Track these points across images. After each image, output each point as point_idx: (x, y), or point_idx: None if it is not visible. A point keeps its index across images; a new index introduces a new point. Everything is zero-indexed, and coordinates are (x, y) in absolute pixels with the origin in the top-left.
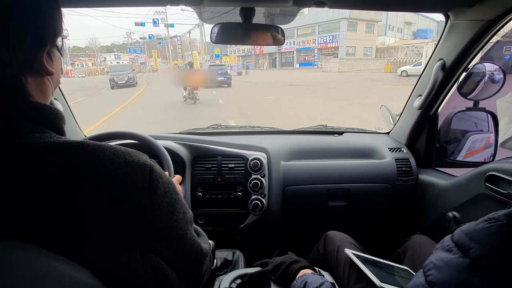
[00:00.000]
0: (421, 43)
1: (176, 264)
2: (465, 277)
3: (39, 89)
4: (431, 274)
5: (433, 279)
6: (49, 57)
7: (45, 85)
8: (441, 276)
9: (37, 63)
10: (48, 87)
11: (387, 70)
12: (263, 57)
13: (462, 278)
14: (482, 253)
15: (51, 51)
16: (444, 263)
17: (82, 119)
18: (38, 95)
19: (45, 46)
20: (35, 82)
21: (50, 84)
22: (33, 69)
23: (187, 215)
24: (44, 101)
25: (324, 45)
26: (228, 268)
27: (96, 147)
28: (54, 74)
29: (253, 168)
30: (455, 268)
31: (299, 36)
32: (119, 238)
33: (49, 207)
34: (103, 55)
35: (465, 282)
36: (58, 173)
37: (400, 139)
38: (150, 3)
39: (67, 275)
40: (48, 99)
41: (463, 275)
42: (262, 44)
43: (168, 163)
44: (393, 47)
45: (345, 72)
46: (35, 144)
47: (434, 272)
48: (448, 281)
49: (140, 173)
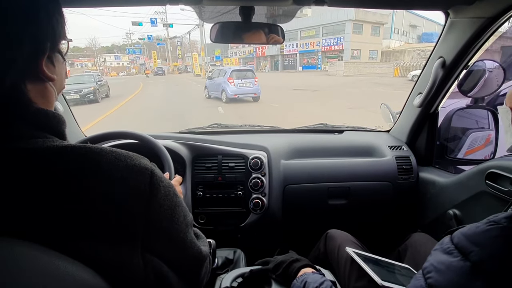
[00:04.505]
0: (427, 47)
1: (177, 266)
2: (466, 281)
3: (41, 95)
4: (431, 277)
5: (433, 282)
6: (51, 63)
7: (47, 90)
8: (442, 279)
9: (37, 70)
10: (50, 93)
11: (396, 75)
12: (265, 59)
13: (463, 282)
14: (482, 257)
15: (52, 56)
16: (444, 266)
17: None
18: (41, 101)
19: (45, 52)
20: (37, 88)
21: (53, 90)
22: (33, 76)
23: (187, 218)
24: (47, 106)
25: (328, 48)
26: (229, 267)
27: (98, 151)
28: (57, 79)
29: (254, 167)
30: (456, 271)
31: (302, 38)
32: (121, 240)
33: (51, 209)
34: (103, 56)
35: (466, 286)
36: (60, 176)
37: (401, 137)
38: (149, 3)
39: (69, 274)
40: (51, 105)
41: (463, 279)
42: (261, 43)
43: (168, 163)
44: (399, 51)
45: (351, 76)
46: (37, 148)
47: (435, 275)
48: (448, 285)
49: (141, 176)
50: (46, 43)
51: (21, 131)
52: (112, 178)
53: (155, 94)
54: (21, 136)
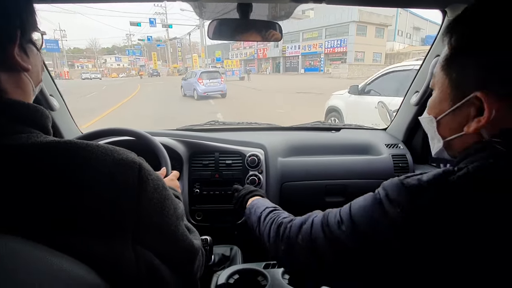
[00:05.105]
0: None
1: (169, 259)
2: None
3: (16, 85)
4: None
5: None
6: (24, 53)
7: (22, 81)
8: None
9: (7, 58)
10: (26, 84)
11: None
12: (266, 61)
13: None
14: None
15: (26, 47)
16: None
17: None
18: (17, 91)
19: (13, 40)
20: (11, 78)
21: (29, 81)
22: (6, 65)
23: (178, 210)
24: (25, 98)
25: (331, 50)
26: (226, 264)
27: (84, 145)
28: (32, 70)
29: (251, 165)
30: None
31: (304, 40)
32: (112, 234)
33: (40, 205)
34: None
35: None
36: (47, 172)
37: (397, 135)
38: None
39: (64, 270)
40: (29, 97)
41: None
42: (259, 40)
43: (165, 160)
44: (404, 53)
45: (355, 79)
46: (21, 144)
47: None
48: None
49: (130, 170)
50: (15, 31)
51: (2, 126)
52: (99, 173)
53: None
54: (4, 132)
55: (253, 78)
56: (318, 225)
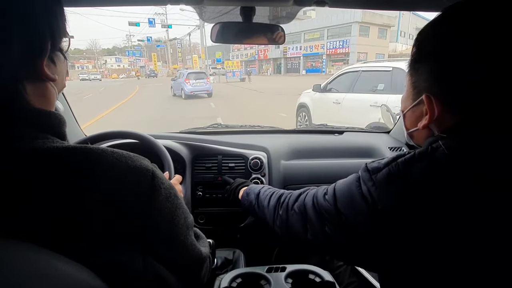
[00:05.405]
0: None
1: (176, 268)
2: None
3: (41, 95)
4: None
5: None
6: (52, 62)
7: (48, 91)
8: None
9: (36, 71)
10: (51, 93)
11: None
12: (267, 62)
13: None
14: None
15: (53, 55)
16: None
17: None
18: (41, 101)
19: (44, 53)
20: (37, 89)
21: (54, 90)
22: (33, 76)
23: (188, 220)
24: (48, 107)
25: (334, 51)
26: (229, 267)
27: (99, 151)
28: (58, 78)
29: (254, 168)
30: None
31: (306, 41)
32: (121, 242)
33: (52, 210)
34: (103, 58)
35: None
36: (61, 178)
37: (401, 139)
38: (150, 3)
39: (68, 275)
40: (52, 105)
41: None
42: (262, 43)
43: (168, 163)
44: (406, 54)
45: None
46: (38, 149)
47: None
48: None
49: (142, 178)
50: (45, 43)
51: (22, 132)
52: (112, 179)
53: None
54: (22, 137)
55: (254, 79)
56: (310, 196)
